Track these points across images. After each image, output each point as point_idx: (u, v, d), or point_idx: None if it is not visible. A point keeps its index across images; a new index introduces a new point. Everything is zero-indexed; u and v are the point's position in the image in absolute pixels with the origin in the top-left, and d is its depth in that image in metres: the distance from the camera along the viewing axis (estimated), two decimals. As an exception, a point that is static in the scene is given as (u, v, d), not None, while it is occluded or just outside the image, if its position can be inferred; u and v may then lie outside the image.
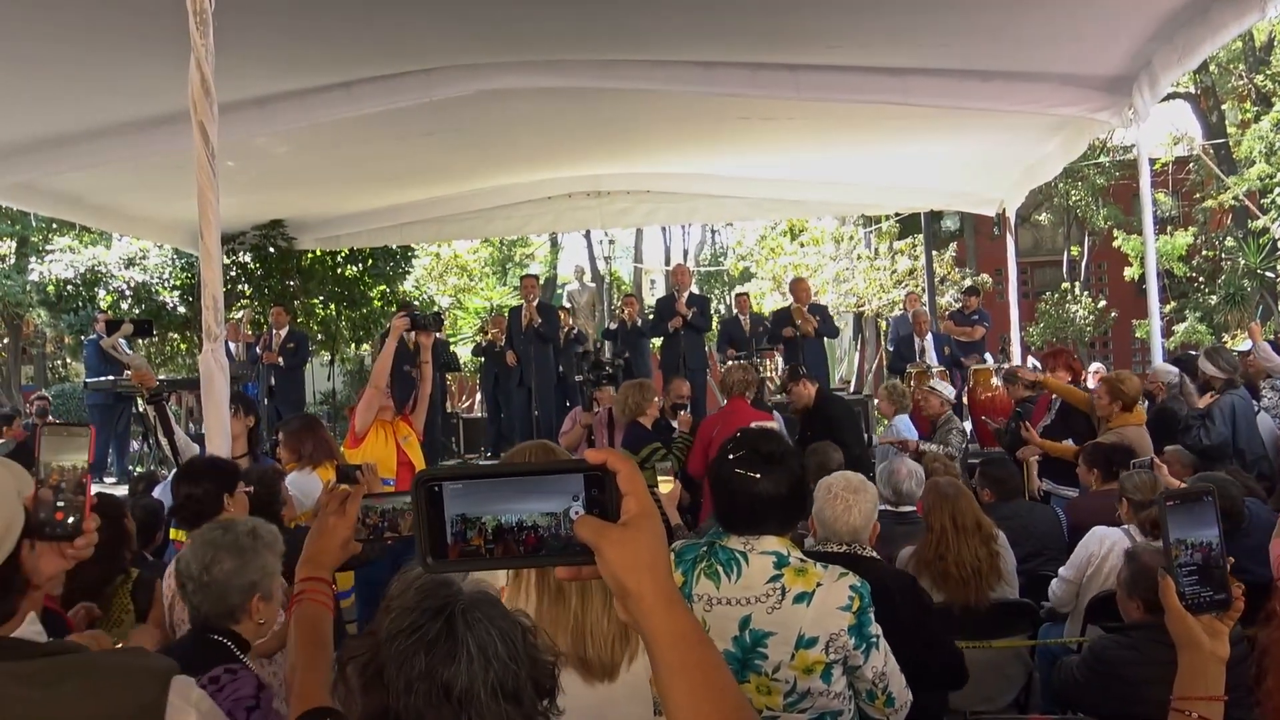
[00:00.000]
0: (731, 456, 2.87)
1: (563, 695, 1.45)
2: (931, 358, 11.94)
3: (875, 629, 2.79)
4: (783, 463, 2.83)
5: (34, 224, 22.14)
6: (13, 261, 23.49)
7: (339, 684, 1.42)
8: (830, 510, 3.53)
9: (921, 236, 20.08)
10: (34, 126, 8.73)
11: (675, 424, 7.88)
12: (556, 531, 1.03)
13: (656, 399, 7.88)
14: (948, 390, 9.50)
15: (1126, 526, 4.92)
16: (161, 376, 13.25)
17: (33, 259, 22.39)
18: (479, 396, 14.01)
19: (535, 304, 11.94)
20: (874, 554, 3.60)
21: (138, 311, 17.65)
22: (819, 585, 2.75)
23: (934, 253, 19.42)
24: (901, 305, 17.26)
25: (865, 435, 7.96)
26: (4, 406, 18.45)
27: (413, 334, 6.30)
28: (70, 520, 1.56)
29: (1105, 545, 4.80)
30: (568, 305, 15.04)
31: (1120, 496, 5.16)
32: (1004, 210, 13.30)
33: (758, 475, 2.80)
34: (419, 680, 1.32)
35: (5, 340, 26.97)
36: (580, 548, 1.02)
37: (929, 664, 3.43)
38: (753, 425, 6.22)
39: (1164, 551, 1.67)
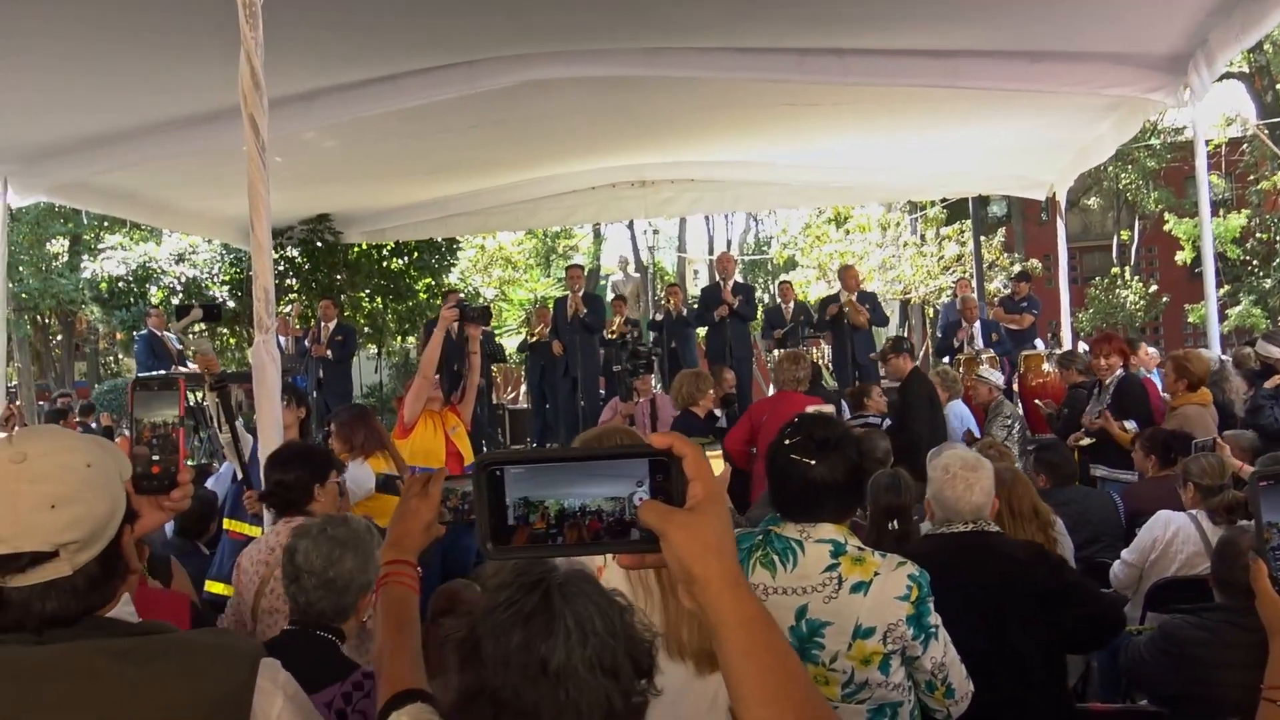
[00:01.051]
0: (788, 442, 2.82)
1: (661, 675, 1.43)
2: (979, 344, 11.80)
3: (935, 619, 2.74)
4: (839, 449, 2.78)
5: (86, 222, 22.51)
6: (66, 260, 23.89)
7: (437, 665, 1.41)
8: (951, 491, 3.45)
9: (969, 222, 19.86)
10: (85, 125, 8.84)
11: (718, 413, 7.81)
12: (620, 516, 1.01)
13: (712, 391, 7.79)
14: (996, 377, 9.38)
15: (1193, 512, 4.80)
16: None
17: (85, 257, 22.78)
18: (524, 388, 14.03)
19: (580, 294, 11.93)
20: (998, 528, 3.55)
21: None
22: (876, 574, 2.70)
23: (981, 238, 19.20)
24: (951, 291, 17.09)
25: (938, 421, 7.76)
26: (59, 403, 18.79)
27: (459, 324, 6.31)
28: (166, 473, 1.63)
29: (1170, 530, 4.70)
30: (614, 294, 15.01)
31: (1184, 481, 5.02)
32: (1054, 194, 13.10)
33: (813, 461, 2.75)
34: (516, 654, 1.31)
35: (59, 337, 27.45)
36: (645, 534, 1.00)
37: (1085, 621, 3.41)
38: (809, 410, 6.20)
39: (1256, 534, 1.61)
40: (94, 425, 16.13)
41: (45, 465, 1.42)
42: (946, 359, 12.03)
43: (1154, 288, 28.01)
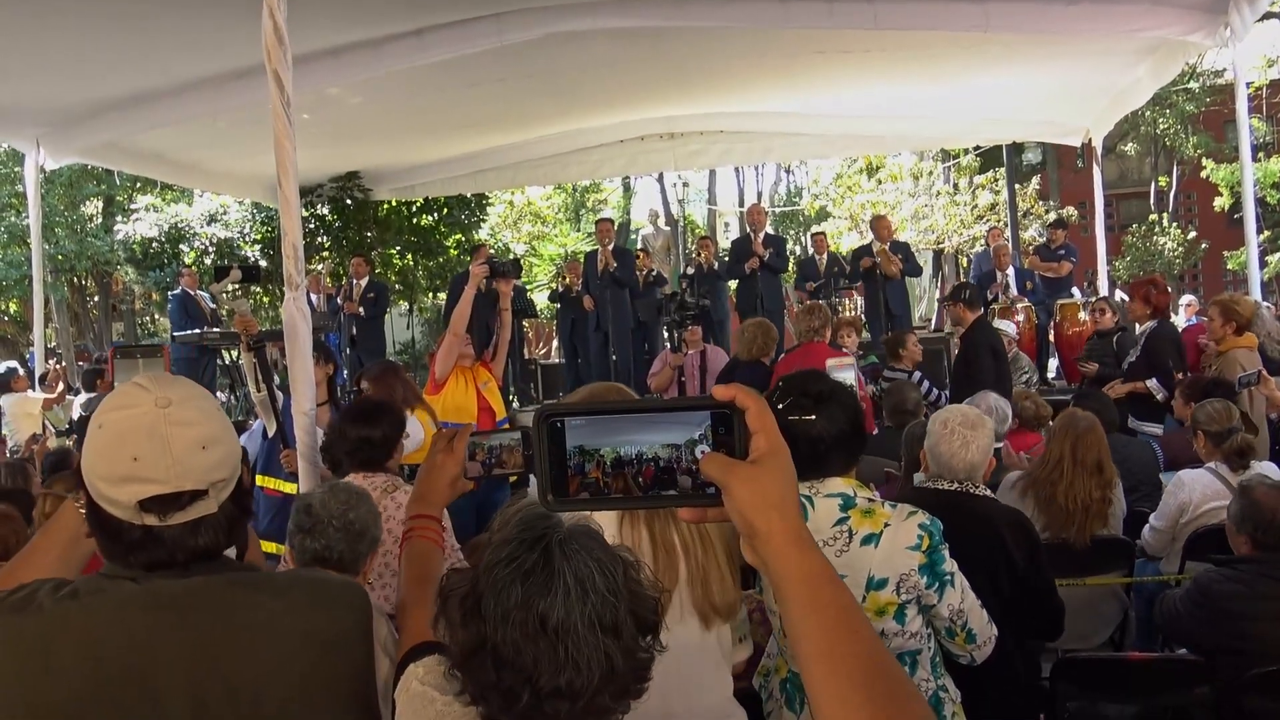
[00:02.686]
0: (781, 405, 2.76)
1: (667, 633, 1.43)
2: (1013, 293, 11.67)
3: (949, 566, 2.72)
4: (834, 399, 2.75)
5: (119, 183, 22.63)
6: (100, 221, 24.04)
7: (440, 617, 1.43)
8: (946, 446, 3.42)
9: (1003, 170, 19.61)
10: (115, 86, 8.87)
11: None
12: (677, 463, 1.00)
13: (771, 345, 7.62)
14: (1008, 328, 9.28)
15: (1211, 465, 4.75)
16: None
17: (119, 218, 22.93)
18: (555, 343, 14.05)
19: (611, 248, 11.90)
20: (987, 491, 3.51)
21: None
22: (886, 526, 2.68)
23: (1016, 186, 18.94)
24: (984, 240, 16.92)
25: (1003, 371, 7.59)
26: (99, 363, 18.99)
27: (489, 280, 6.29)
28: None
29: (1195, 491, 4.66)
30: (642, 249, 14.96)
31: (1194, 430, 4.98)
32: (1090, 140, 12.88)
33: (812, 416, 2.72)
34: (515, 611, 1.31)
35: (96, 298, 27.70)
36: (706, 487, 0.99)
37: (1031, 609, 3.37)
38: (829, 363, 6.18)
39: None
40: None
41: (188, 410, 1.52)
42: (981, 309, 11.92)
43: (1192, 234, 27.61)
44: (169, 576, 1.49)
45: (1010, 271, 12.00)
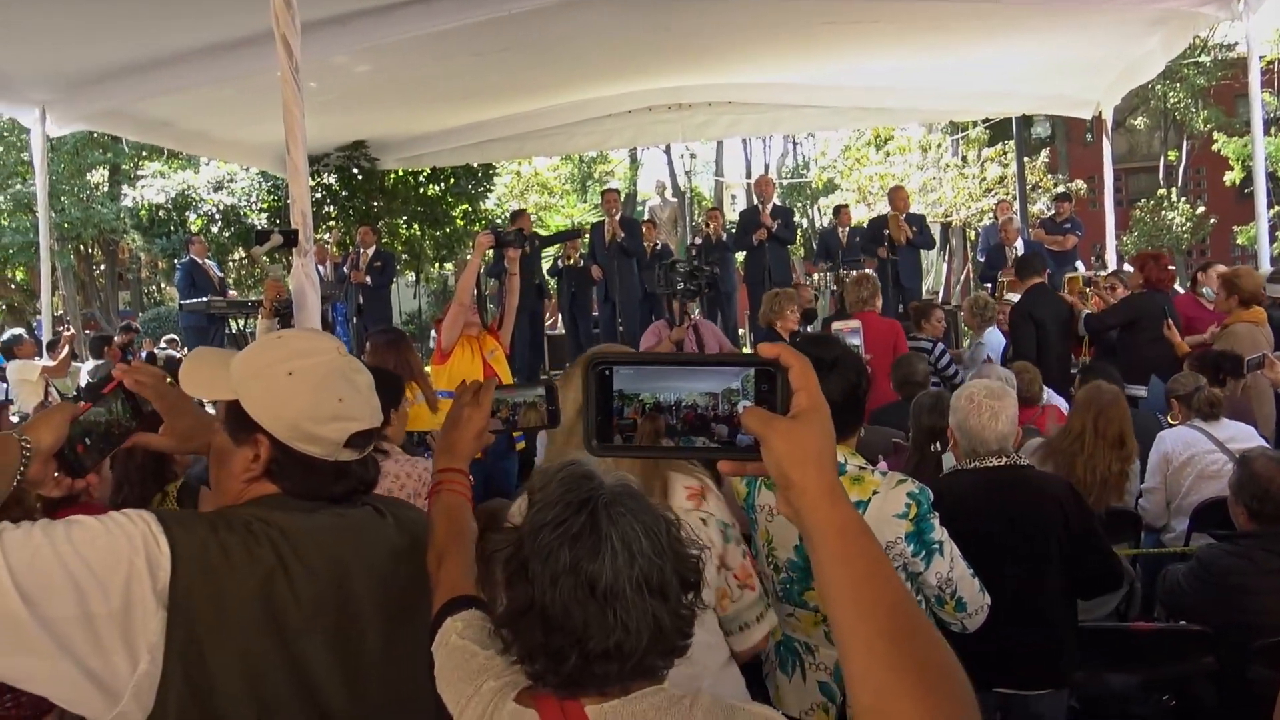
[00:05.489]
0: None
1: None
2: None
3: (938, 535, 2.73)
4: (836, 369, 2.74)
5: (125, 151, 22.60)
6: (106, 189, 24.04)
7: (482, 577, 1.46)
8: (975, 419, 3.39)
9: (1012, 143, 19.52)
10: (121, 52, 8.83)
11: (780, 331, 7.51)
12: (714, 411, 1.03)
13: (793, 310, 7.41)
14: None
15: (1192, 423, 4.94)
16: (253, 297, 13.54)
17: (125, 186, 22.93)
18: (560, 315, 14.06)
19: (618, 218, 11.87)
20: (1029, 462, 3.52)
21: (227, 235, 18.02)
22: (875, 493, 2.70)
23: (1025, 160, 18.86)
24: (992, 214, 16.87)
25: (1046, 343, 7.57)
26: (104, 330, 19.05)
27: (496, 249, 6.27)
28: (81, 462, 1.71)
29: (1175, 443, 4.88)
30: (649, 220, 14.93)
31: (1168, 398, 5.26)
32: (1100, 113, 12.81)
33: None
34: (564, 575, 1.33)
35: (102, 266, 27.74)
36: (740, 438, 1.02)
37: (1096, 567, 3.40)
38: (833, 326, 6.20)
39: None
40: (142, 355, 16.34)
41: (352, 358, 1.74)
42: (989, 284, 11.89)
43: (1201, 209, 27.49)
44: (343, 505, 1.71)
45: (1018, 245, 11.95)
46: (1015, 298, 8.46)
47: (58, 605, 1.32)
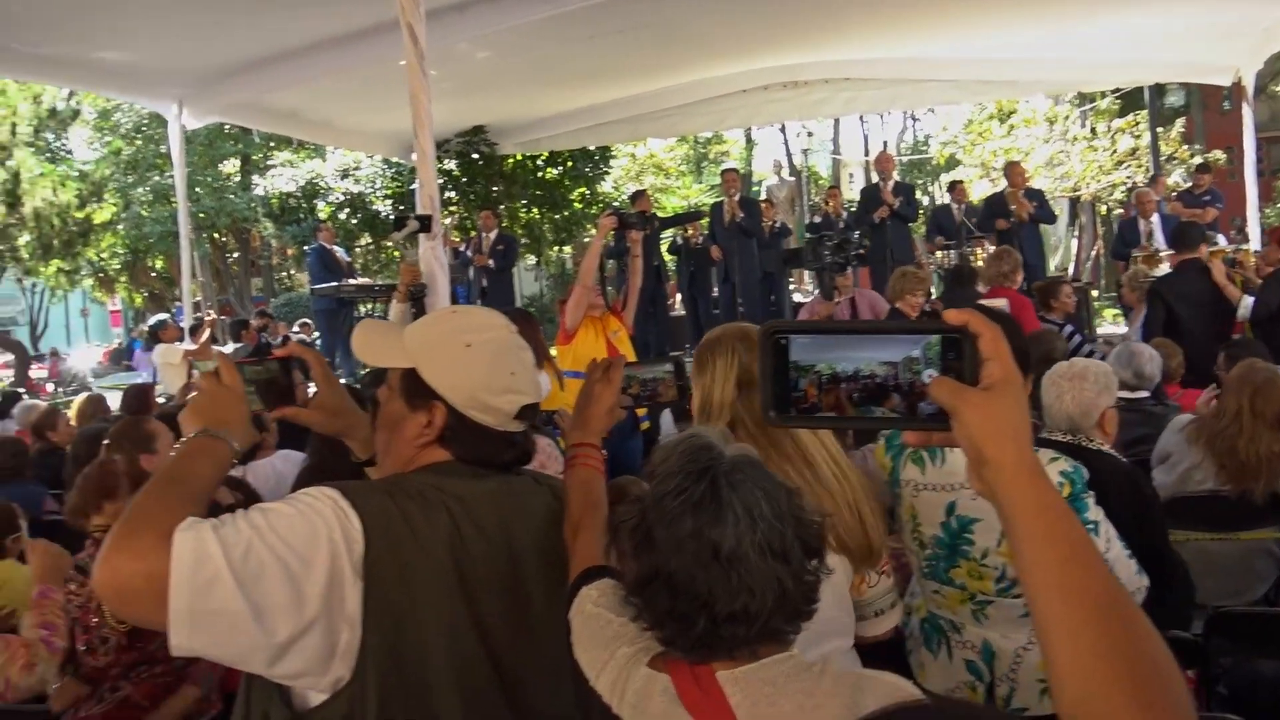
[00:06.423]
0: None
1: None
2: (1159, 240, 11.18)
3: (1093, 514, 2.68)
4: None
5: (255, 141, 23.36)
6: (238, 180, 24.89)
7: (611, 547, 1.50)
8: (1045, 397, 3.38)
9: (1144, 113, 18.81)
10: (252, 46, 9.13)
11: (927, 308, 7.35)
12: (892, 381, 0.99)
13: (920, 291, 7.34)
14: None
15: None
16: (380, 281, 13.87)
17: (255, 176, 23.71)
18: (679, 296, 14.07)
19: (737, 198, 11.81)
20: (1101, 446, 3.39)
21: (354, 222, 18.49)
22: None
23: (1158, 130, 18.14)
24: (1126, 186, 16.30)
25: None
26: (240, 316, 19.74)
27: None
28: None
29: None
30: (766, 199, 14.82)
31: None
32: (1239, 80, 12.24)
33: None
34: (687, 541, 1.35)
35: (235, 254, 28.74)
36: (921, 407, 0.98)
37: (1148, 568, 3.26)
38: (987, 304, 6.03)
39: None
40: (276, 338, 16.90)
41: (518, 335, 1.82)
42: (1122, 261, 11.50)
43: (1350, 178, 26.20)
44: (506, 474, 1.79)
45: (1155, 219, 11.50)
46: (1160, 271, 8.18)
47: (273, 592, 1.39)
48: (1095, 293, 16.89)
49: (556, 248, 19.31)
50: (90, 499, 3.28)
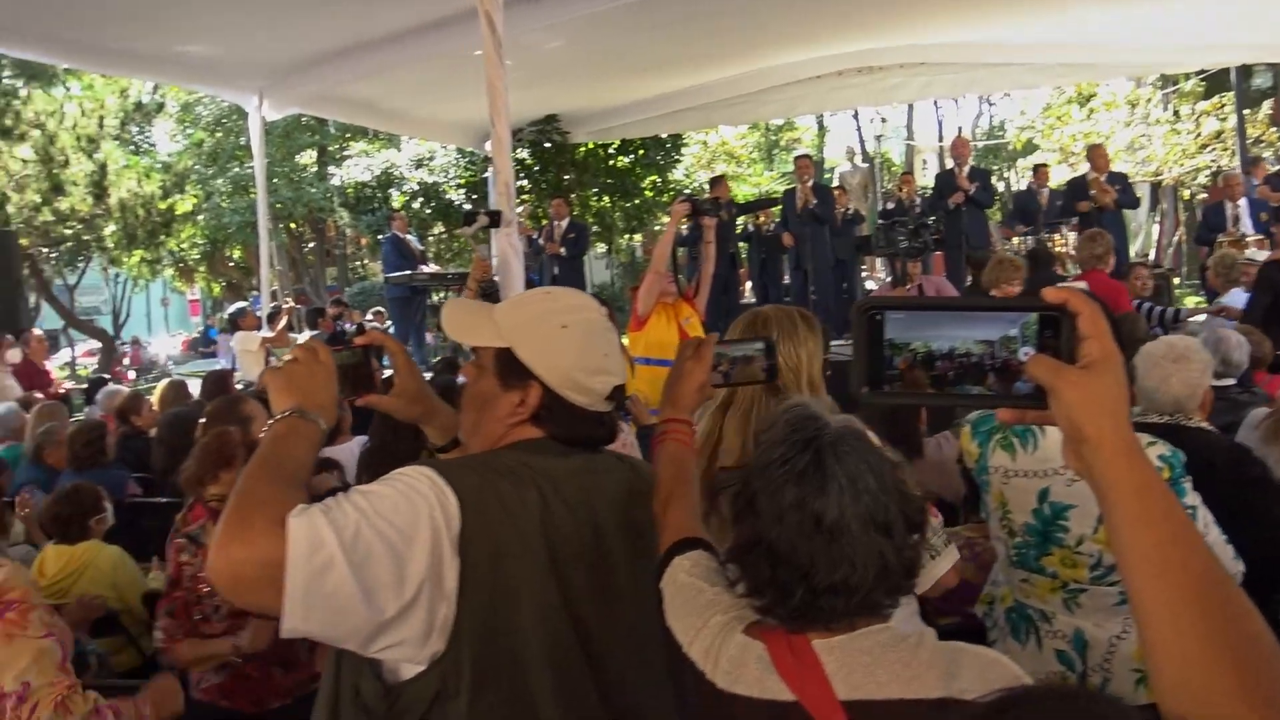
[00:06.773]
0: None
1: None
2: (1246, 225, 10.88)
3: (1191, 499, 2.63)
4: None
5: (331, 132, 23.69)
6: (314, 170, 25.27)
7: (711, 512, 1.49)
8: (1149, 380, 3.26)
9: (1230, 95, 18.27)
10: (329, 38, 9.27)
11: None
12: (988, 360, 0.99)
13: (1017, 280, 7.28)
14: (1262, 258, 8.64)
15: None
16: (453, 269, 14.00)
17: (331, 167, 24.04)
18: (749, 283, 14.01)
19: (810, 185, 11.72)
20: (1202, 424, 3.31)
21: (428, 211, 18.67)
22: None
23: (1245, 113, 17.61)
24: (1211, 170, 15.82)
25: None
26: (315, 304, 20.06)
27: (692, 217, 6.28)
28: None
29: None
30: (839, 186, 14.68)
31: None
32: (1331, 59, 11.85)
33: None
34: (790, 511, 1.36)
35: (311, 244, 29.18)
36: (1017, 386, 0.98)
37: (1250, 546, 3.17)
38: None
39: None
40: (349, 325, 17.16)
41: (608, 319, 1.87)
42: (1206, 247, 11.22)
43: None
44: (587, 451, 1.81)
45: (1243, 204, 11.19)
46: (1259, 256, 7.94)
47: (380, 573, 1.41)
48: (1177, 279, 16.50)
49: (627, 236, 19.33)
50: (208, 468, 3.38)
